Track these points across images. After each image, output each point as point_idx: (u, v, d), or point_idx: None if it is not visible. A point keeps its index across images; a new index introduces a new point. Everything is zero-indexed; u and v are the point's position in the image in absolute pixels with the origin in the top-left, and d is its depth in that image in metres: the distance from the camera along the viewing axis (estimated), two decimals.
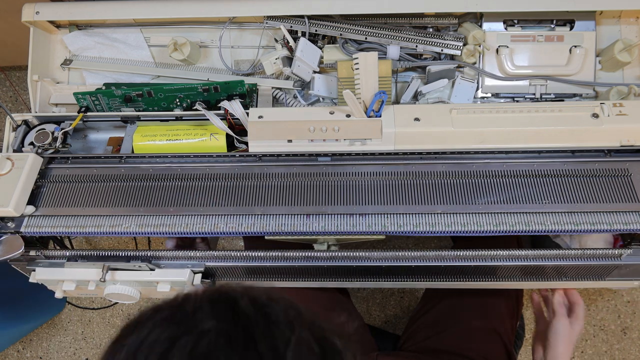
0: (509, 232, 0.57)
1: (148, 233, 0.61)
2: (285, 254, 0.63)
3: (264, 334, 0.30)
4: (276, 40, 0.72)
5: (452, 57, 0.70)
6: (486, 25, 0.70)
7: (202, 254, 0.64)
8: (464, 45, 0.69)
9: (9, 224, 0.62)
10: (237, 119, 0.65)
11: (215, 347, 0.29)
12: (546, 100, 0.70)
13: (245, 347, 0.30)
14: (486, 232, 0.58)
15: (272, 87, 0.73)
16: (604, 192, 0.59)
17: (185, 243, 0.75)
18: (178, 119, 0.68)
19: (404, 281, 0.71)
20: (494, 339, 0.78)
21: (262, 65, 0.71)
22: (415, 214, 0.59)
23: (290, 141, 0.62)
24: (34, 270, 0.65)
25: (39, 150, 0.66)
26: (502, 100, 0.71)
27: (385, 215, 0.59)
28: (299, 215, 0.60)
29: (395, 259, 0.63)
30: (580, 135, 0.60)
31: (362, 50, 0.71)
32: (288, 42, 0.70)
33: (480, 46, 0.70)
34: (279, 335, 0.30)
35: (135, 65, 0.75)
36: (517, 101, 0.71)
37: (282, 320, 0.32)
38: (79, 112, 0.70)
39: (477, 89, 0.71)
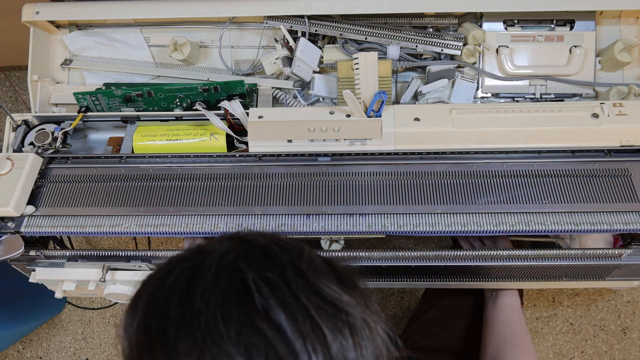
0: (509, 232, 0.57)
1: (148, 233, 0.61)
2: None
3: (279, 252, 0.34)
4: (276, 40, 0.72)
5: (452, 57, 0.70)
6: (486, 25, 0.70)
7: None
8: (464, 45, 0.69)
9: (9, 224, 0.62)
10: (237, 119, 0.65)
11: (237, 261, 0.33)
12: (546, 100, 0.70)
13: (265, 260, 0.33)
14: (486, 232, 0.58)
15: (272, 87, 0.73)
16: (604, 192, 0.59)
17: None
18: (178, 119, 0.68)
19: (404, 281, 0.71)
20: None
21: (262, 65, 0.71)
22: (415, 214, 0.59)
23: (290, 141, 0.62)
24: (34, 270, 0.65)
25: (39, 150, 0.66)
26: (502, 100, 0.71)
27: (385, 215, 0.59)
28: (299, 215, 0.60)
29: (395, 259, 0.63)
30: (580, 135, 0.60)
31: (362, 50, 0.71)
32: (288, 42, 0.70)
33: (480, 46, 0.70)
34: (292, 254, 0.34)
35: (135, 65, 0.75)
36: (517, 101, 0.71)
37: (292, 245, 0.35)
38: (79, 112, 0.70)
39: (477, 89, 0.71)
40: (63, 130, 0.67)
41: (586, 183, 0.60)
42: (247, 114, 0.64)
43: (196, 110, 0.68)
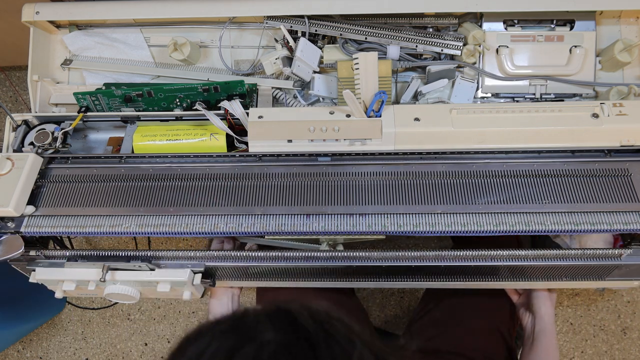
0: (509, 232, 0.57)
1: (148, 233, 0.61)
2: (286, 254, 0.63)
3: (325, 348, 0.30)
4: (276, 40, 0.72)
5: (452, 57, 0.70)
6: (486, 25, 0.70)
7: (202, 254, 0.64)
8: (464, 45, 0.69)
9: (9, 224, 0.62)
10: (237, 119, 0.65)
11: (276, 357, 0.30)
12: (546, 100, 0.70)
13: (307, 359, 0.30)
14: (486, 232, 0.58)
15: (272, 87, 0.73)
16: (604, 192, 0.59)
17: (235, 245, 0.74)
18: (178, 119, 0.68)
19: (404, 281, 0.71)
20: (495, 339, 0.78)
21: (262, 65, 0.71)
22: (415, 214, 0.59)
23: (290, 141, 0.62)
24: (34, 270, 0.65)
25: (39, 150, 0.66)
26: (502, 100, 0.71)
27: (385, 215, 0.59)
28: (299, 215, 0.60)
29: (395, 259, 0.63)
30: (580, 135, 0.60)
31: (362, 50, 0.71)
32: (288, 42, 0.70)
33: (480, 46, 0.70)
34: (340, 351, 0.30)
35: (135, 65, 0.75)
36: (517, 101, 0.71)
37: (343, 336, 0.32)
38: (79, 112, 0.70)
39: (477, 89, 0.71)
40: (63, 130, 0.67)
41: (586, 183, 0.60)
42: (247, 114, 0.64)
43: (196, 110, 0.68)
